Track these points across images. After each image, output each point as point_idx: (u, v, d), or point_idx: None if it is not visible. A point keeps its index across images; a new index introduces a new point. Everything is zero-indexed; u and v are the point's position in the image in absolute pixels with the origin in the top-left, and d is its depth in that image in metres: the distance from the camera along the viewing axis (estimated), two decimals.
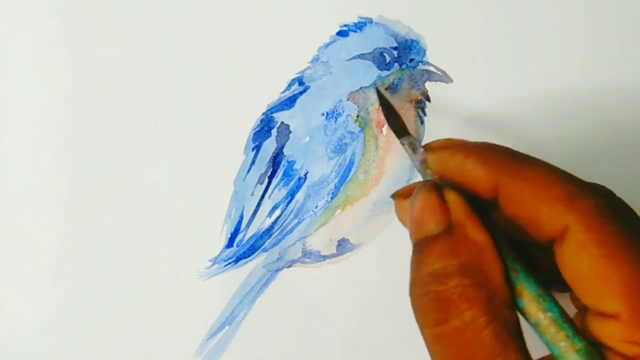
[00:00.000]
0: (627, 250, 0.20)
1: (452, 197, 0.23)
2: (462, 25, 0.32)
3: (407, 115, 0.31)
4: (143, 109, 0.32)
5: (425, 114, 0.32)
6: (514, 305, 0.22)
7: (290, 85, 0.32)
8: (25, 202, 0.32)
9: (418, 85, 0.32)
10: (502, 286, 0.21)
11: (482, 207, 0.23)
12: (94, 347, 0.31)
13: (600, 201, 0.21)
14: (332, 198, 0.32)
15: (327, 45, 0.31)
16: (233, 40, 0.32)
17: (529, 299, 0.22)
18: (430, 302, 0.22)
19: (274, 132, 0.32)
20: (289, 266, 0.32)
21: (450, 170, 0.24)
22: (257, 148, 0.32)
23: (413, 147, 0.26)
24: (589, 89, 0.32)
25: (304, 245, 0.32)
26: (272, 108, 0.32)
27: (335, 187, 0.32)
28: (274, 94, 0.32)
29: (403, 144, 0.27)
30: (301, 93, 0.32)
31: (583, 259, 0.20)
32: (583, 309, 0.23)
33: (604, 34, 0.32)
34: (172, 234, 0.31)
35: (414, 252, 0.23)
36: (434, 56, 0.32)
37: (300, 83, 0.32)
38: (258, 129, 0.32)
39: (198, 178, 0.32)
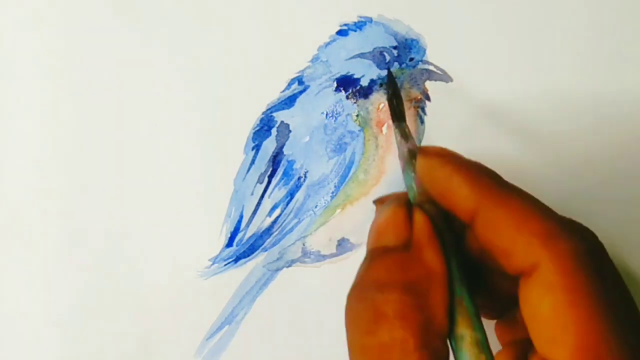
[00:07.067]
0: (593, 304, 0.19)
1: (419, 218, 0.22)
2: (462, 25, 0.32)
3: (407, 114, 0.31)
4: (143, 108, 0.32)
5: (425, 114, 0.32)
6: (447, 340, 0.21)
7: (290, 84, 0.32)
8: (24, 203, 0.32)
9: (418, 85, 0.32)
10: (441, 317, 0.21)
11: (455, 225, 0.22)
12: (94, 346, 0.31)
13: (579, 246, 0.20)
14: (332, 197, 0.32)
15: (327, 44, 0.31)
16: (233, 39, 0.32)
17: (464, 315, 0.21)
18: (365, 310, 0.21)
19: (273, 131, 0.32)
20: (289, 266, 0.32)
21: (435, 180, 0.23)
22: (257, 147, 0.32)
23: (405, 135, 0.27)
24: (590, 88, 0.31)
25: (303, 244, 0.32)
26: (272, 107, 0.32)
27: (335, 186, 0.32)
28: (274, 93, 0.32)
29: (396, 129, 0.27)
30: (301, 92, 0.32)
31: (547, 300, 0.20)
32: (511, 346, 0.23)
33: (604, 34, 0.32)
34: (172, 233, 0.31)
35: (365, 258, 0.23)
36: (434, 55, 0.32)
37: (300, 82, 0.32)
38: (258, 128, 0.32)
39: (198, 177, 0.32)
